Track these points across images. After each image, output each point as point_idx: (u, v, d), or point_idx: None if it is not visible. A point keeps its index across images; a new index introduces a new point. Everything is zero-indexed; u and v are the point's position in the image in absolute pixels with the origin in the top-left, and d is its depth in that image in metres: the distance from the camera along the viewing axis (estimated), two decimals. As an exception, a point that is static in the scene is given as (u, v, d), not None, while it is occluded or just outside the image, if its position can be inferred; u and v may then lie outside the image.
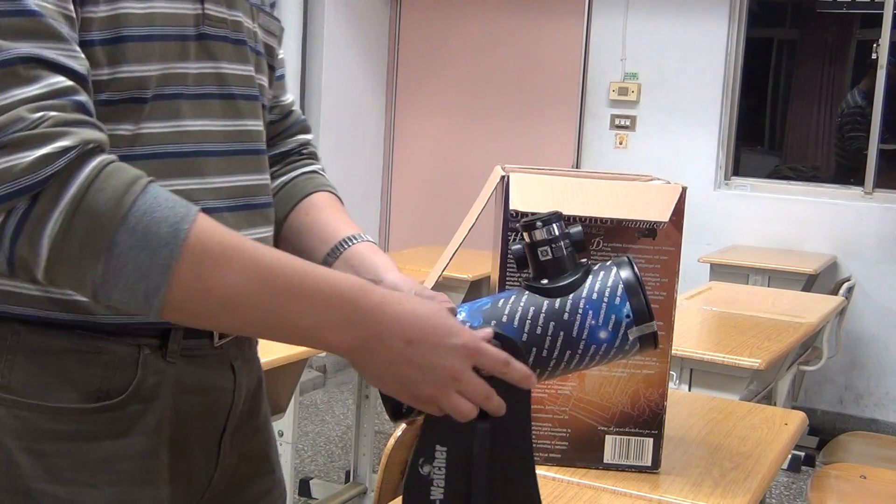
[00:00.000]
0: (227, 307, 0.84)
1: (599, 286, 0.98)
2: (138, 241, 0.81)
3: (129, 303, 0.83)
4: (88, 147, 0.82)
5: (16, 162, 0.79)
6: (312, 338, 0.88)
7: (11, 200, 0.80)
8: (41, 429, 0.92)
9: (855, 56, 7.06)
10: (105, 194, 0.81)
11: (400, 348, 0.88)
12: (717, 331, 3.03)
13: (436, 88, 5.73)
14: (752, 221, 5.10)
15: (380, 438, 3.81)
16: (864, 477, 2.63)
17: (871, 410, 4.95)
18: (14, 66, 0.81)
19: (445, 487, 0.95)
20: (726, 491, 1.39)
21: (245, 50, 1.06)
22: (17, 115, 0.80)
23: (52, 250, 0.80)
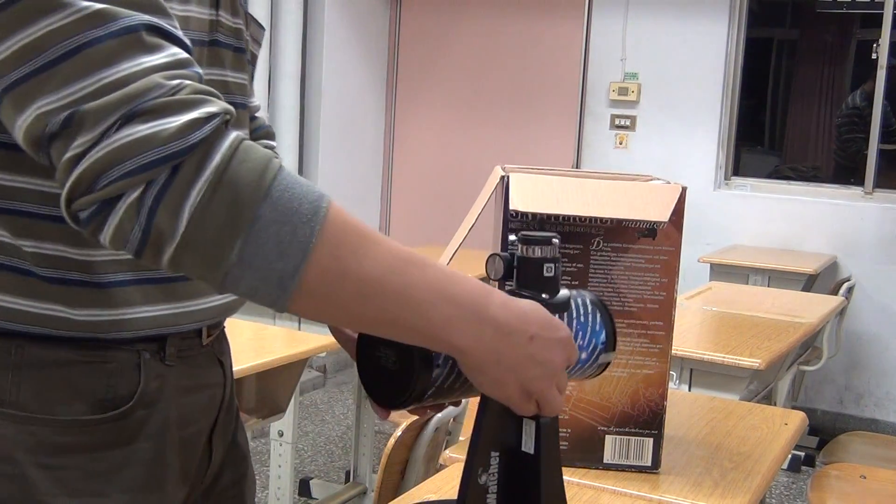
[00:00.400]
0: (362, 294, 0.80)
1: (583, 310, 1.00)
2: (281, 215, 0.76)
3: (259, 288, 0.78)
4: (227, 117, 0.79)
5: (162, 127, 0.75)
6: (440, 334, 0.83)
7: (158, 167, 0.75)
8: (52, 442, 0.91)
9: (855, 56, 7.06)
10: (247, 166, 0.77)
11: (524, 346, 0.86)
12: (717, 331, 3.03)
13: (436, 88, 5.73)
14: (752, 221, 5.10)
15: (380, 438, 3.81)
16: (864, 477, 2.63)
17: (871, 410, 4.95)
18: (138, 32, 0.79)
19: (498, 493, 0.95)
20: (726, 491, 1.39)
21: (243, 58, 1.06)
22: (153, 82, 0.77)
23: (191, 222, 0.75)
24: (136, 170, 0.75)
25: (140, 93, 0.76)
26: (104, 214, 0.76)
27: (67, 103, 0.76)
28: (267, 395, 2.57)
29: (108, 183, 0.75)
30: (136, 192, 0.75)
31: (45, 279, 0.90)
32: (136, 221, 0.76)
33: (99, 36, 0.77)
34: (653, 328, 1.39)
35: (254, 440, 4.04)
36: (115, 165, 0.75)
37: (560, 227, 1.35)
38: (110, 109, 0.76)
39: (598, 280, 1.37)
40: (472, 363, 0.86)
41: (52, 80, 0.77)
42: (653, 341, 1.39)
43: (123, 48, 0.77)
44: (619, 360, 1.40)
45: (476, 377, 0.88)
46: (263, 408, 2.59)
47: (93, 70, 0.77)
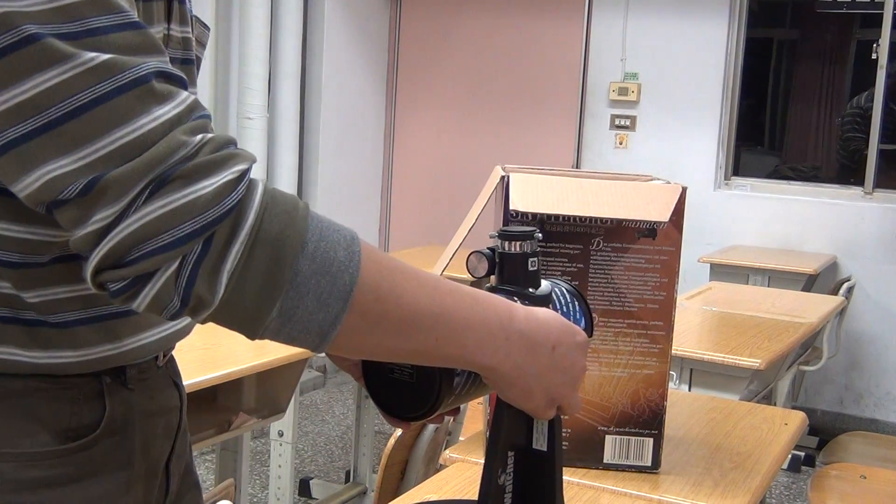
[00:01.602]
0: (399, 330, 0.79)
1: (563, 300, 1.00)
2: (319, 267, 0.74)
3: (298, 337, 0.76)
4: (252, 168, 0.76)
5: (197, 195, 0.71)
6: (472, 357, 0.84)
7: (200, 236, 0.71)
8: (18, 479, 0.85)
9: (855, 56, 7.06)
10: (280, 220, 0.74)
11: (548, 355, 0.87)
12: (717, 331, 3.03)
13: (436, 88, 5.73)
14: (752, 221, 5.10)
15: (380, 438, 3.81)
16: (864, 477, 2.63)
17: (871, 410, 4.95)
18: (149, 82, 0.73)
19: (513, 493, 0.96)
20: (726, 491, 1.39)
21: (192, 70, 1.00)
22: (176, 140, 0.72)
23: (230, 285, 0.72)
24: (173, 243, 0.70)
25: (165, 155, 0.71)
26: (138, 288, 0.72)
27: (83, 167, 0.70)
28: (267, 395, 2.57)
29: (141, 257, 0.71)
30: (174, 265, 0.71)
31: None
32: (175, 292, 0.72)
33: (108, 91, 0.71)
34: (653, 328, 1.39)
35: (254, 440, 4.04)
36: (149, 239, 0.70)
37: (560, 227, 1.35)
38: (136, 177, 0.70)
39: (598, 280, 1.37)
40: (501, 379, 0.87)
41: (59, 140, 0.71)
42: (653, 341, 1.39)
43: (137, 102, 0.72)
44: (619, 360, 1.40)
45: (504, 391, 0.88)
46: (263, 408, 2.59)
47: (107, 129, 0.71)
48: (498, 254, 0.98)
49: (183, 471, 1.06)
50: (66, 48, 0.71)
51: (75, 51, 0.71)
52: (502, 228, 0.98)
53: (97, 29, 0.72)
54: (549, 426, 0.95)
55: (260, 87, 4.70)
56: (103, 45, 0.72)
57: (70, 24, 0.71)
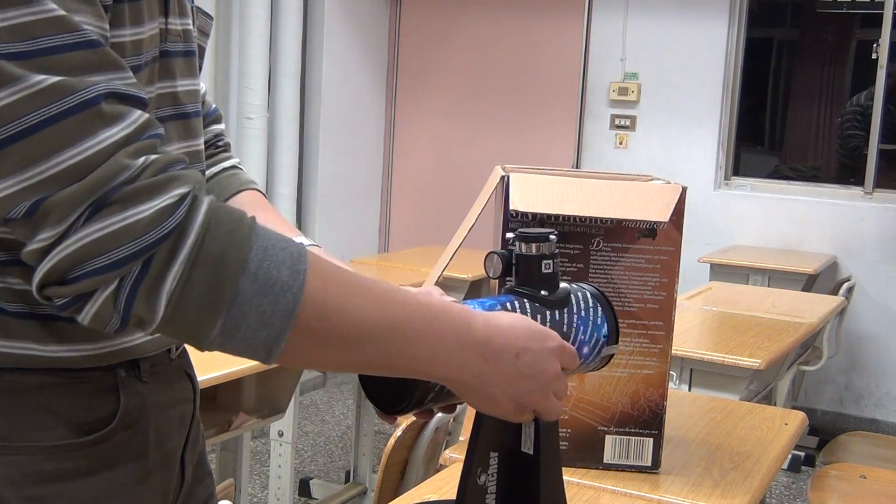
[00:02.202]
0: (348, 346, 0.80)
1: (584, 305, 1.00)
2: (261, 286, 0.75)
3: (245, 351, 0.78)
4: (197, 189, 0.76)
5: (135, 219, 0.72)
6: (425, 369, 0.85)
7: (136, 260, 0.72)
8: (35, 472, 0.87)
9: (855, 56, 7.06)
10: (222, 241, 0.74)
11: (511, 362, 0.87)
12: (717, 331, 3.03)
13: (436, 88, 5.73)
14: (752, 221, 5.10)
15: (380, 438, 3.81)
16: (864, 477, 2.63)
17: (871, 410, 4.95)
18: (98, 104, 0.74)
19: (498, 493, 0.96)
20: (726, 491, 1.39)
21: (193, 62, 1.01)
22: (118, 164, 0.73)
23: (169, 306, 0.74)
24: (109, 266, 0.72)
25: (106, 178, 0.72)
26: (80, 305, 0.74)
27: (27, 188, 0.72)
28: (267, 395, 2.57)
29: (80, 277, 0.73)
30: (112, 286, 0.73)
31: (14, 315, 0.86)
32: (115, 311, 0.74)
33: (55, 114, 0.72)
34: (653, 328, 1.39)
35: (254, 440, 4.04)
36: (86, 261, 0.72)
37: (560, 227, 1.35)
38: (77, 200, 0.72)
39: (598, 280, 1.37)
40: (461, 388, 0.87)
41: (6, 161, 0.72)
42: (653, 341, 1.40)
43: (82, 125, 0.73)
44: (619, 360, 1.40)
45: (466, 398, 0.89)
46: (263, 408, 2.59)
47: (52, 152, 0.72)
48: (514, 255, 0.98)
49: (197, 460, 1.07)
50: (14, 70, 0.71)
51: (24, 72, 0.71)
52: (520, 230, 0.99)
53: (50, 48, 0.73)
54: (536, 430, 0.94)
55: (260, 87, 4.70)
56: (55, 64, 0.73)
57: (23, 42, 0.72)
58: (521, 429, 0.95)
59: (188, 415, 1.04)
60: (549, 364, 0.89)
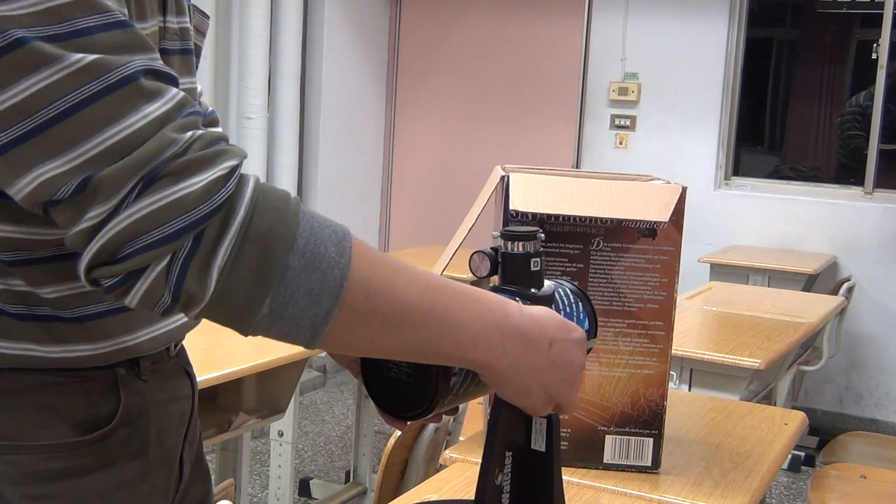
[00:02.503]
0: (392, 326, 0.79)
1: (566, 301, 1.00)
2: (309, 262, 0.74)
3: (291, 332, 0.76)
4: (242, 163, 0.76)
5: (187, 191, 0.72)
6: (467, 354, 0.83)
7: (189, 233, 0.72)
8: (36, 471, 0.87)
9: (855, 56, 7.06)
10: (270, 217, 0.74)
11: (545, 351, 0.87)
12: (717, 331, 3.03)
13: (436, 89, 5.73)
14: (752, 221, 5.10)
15: (380, 438, 3.81)
16: (864, 477, 2.63)
17: (871, 410, 4.95)
18: (137, 80, 0.73)
19: (512, 492, 0.96)
20: (726, 491, 1.39)
21: (191, 60, 1.00)
22: (167, 138, 0.72)
23: (220, 282, 0.73)
24: (162, 239, 0.71)
25: (155, 153, 0.72)
26: (130, 283, 0.73)
27: (74, 167, 0.71)
28: (267, 395, 2.57)
29: (131, 254, 0.72)
30: (164, 261, 0.72)
31: (14, 316, 0.85)
32: (166, 288, 0.73)
33: (96, 91, 0.72)
34: (653, 328, 1.39)
35: (254, 440, 4.04)
36: (139, 236, 0.71)
37: (560, 227, 1.35)
38: (127, 175, 0.71)
39: (598, 280, 1.37)
40: (498, 376, 0.86)
41: (50, 142, 0.72)
42: (653, 341, 1.39)
43: (125, 101, 0.73)
44: (619, 360, 1.40)
45: (501, 388, 0.88)
46: (263, 408, 2.59)
47: (96, 130, 0.72)
48: (500, 254, 0.98)
49: (195, 458, 1.07)
50: (52, 50, 0.71)
51: (62, 52, 0.71)
52: (505, 228, 0.98)
53: (84, 29, 0.73)
54: (548, 426, 0.95)
55: (260, 87, 4.70)
56: (90, 45, 0.73)
57: (57, 25, 0.72)
58: (532, 426, 0.96)
59: (187, 412, 1.04)
60: (576, 355, 0.90)
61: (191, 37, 1.00)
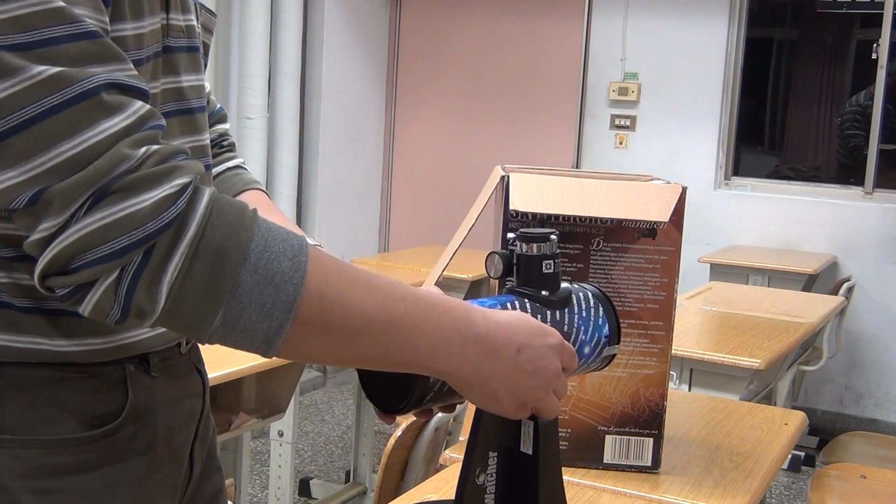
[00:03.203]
0: (348, 338, 0.80)
1: (585, 305, 1.00)
2: (261, 278, 0.75)
3: (245, 343, 0.78)
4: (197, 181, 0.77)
5: (135, 208, 0.72)
6: (426, 363, 0.84)
7: (138, 249, 0.73)
8: (43, 465, 0.87)
9: (855, 56, 7.06)
10: (222, 232, 0.75)
11: (512, 357, 0.87)
12: (717, 331, 3.03)
13: (436, 88, 5.73)
14: (752, 221, 5.10)
15: (380, 438, 3.81)
16: (864, 477, 2.63)
17: (871, 410, 4.95)
18: (98, 95, 0.74)
19: (497, 494, 0.95)
20: (726, 491, 1.39)
21: (198, 57, 1.01)
22: (119, 154, 0.73)
23: (170, 297, 0.74)
24: (110, 255, 0.73)
25: (107, 168, 0.73)
26: (81, 295, 0.75)
27: (29, 179, 0.73)
28: (267, 395, 2.57)
29: (81, 267, 0.73)
30: (112, 275, 0.74)
31: (22, 310, 0.86)
32: (115, 301, 0.75)
33: (55, 105, 0.72)
34: (653, 328, 1.39)
35: (254, 440, 4.04)
36: (87, 250, 0.73)
37: (560, 227, 1.35)
38: (78, 190, 0.72)
39: (598, 280, 1.37)
40: (462, 383, 0.87)
41: (9, 152, 0.73)
42: (653, 341, 1.39)
43: (82, 115, 0.73)
44: (619, 359, 1.40)
45: (468, 395, 0.88)
46: (263, 408, 2.59)
47: (53, 143, 0.72)
48: (515, 255, 0.98)
49: (206, 455, 1.08)
50: (14, 61, 0.72)
51: (24, 63, 0.72)
52: (521, 230, 0.99)
53: (49, 40, 0.73)
54: (535, 430, 0.94)
55: (260, 87, 4.70)
56: (55, 56, 0.73)
57: (21, 34, 0.72)
58: (520, 429, 0.95)
59: (197, 409, 1.04)
60: (550, 361, 0.89)
61: (197, 34, 1.01)
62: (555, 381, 0.90)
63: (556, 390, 0.91)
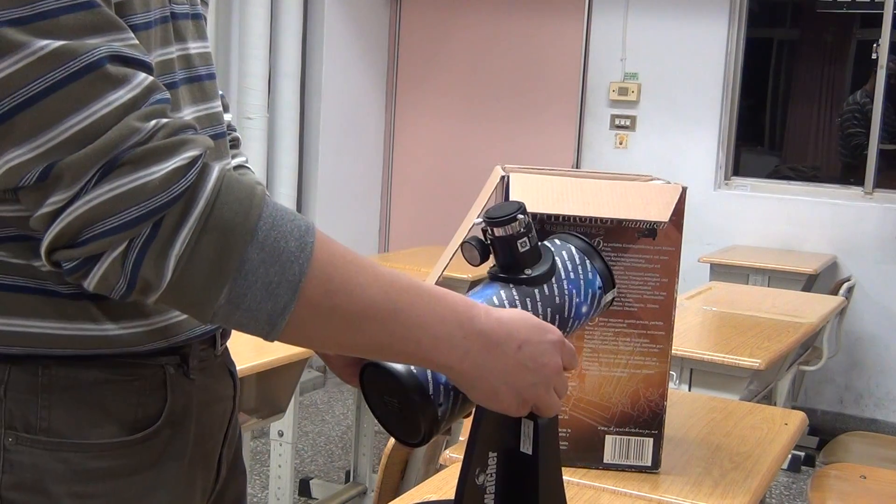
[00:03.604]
0: (352, 324, 0.80)
1: (570, 265, 0.98)
2: (268, 256, 0.75)
3: (249, 323, 0.77)
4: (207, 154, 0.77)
5: (145, 180, 0.72)
6: (429, 356, 0.84)
7: (147, 221, 0.73)
8: (84, 469, 0.87)
9: (855, 56, 7.06)
10: (231, 208, 0.75)
11: (514, 353, 0.86)
12: (717, 331, 3.03)
13: (436, 88, 5.73)
14: (752, 221, 5.10)
15: (380, 438, 3.81)
16: (864, 477, 2.63)
17: (871, 410, 4.95)
18: (102, 67, 0.73)
19: (497, 494, 0.95)
20: (726, 491, 1.39)
21: (201, 24, 1.00)
22: (130, 126, 0.73)
23: (177, 271, 0.74)
24: (119, 227, 0.73)
25: (117, 141, 0.73)
26: (88, 268, 0.75)
27: (38, 155, 0.73)
28: (267, 395, 2.57)
29: (88, 239, 0.73)
30: (120, 247, 0.74)
31: (68, 297, 0.85)
32: (122, 274, 0.74)
33: (60, 79, 0.72)
34: (653, 328, 1.39)
35: (254, 440, 4.04)
36: (96, 222, 0.73)
37: (560, 228, 1.35)
38: (88, 163, 0.72)
39: (598, 280, 1.37)
40: (463, 379, 0.86)
41: (15, 131, 0.73)
42: (653, 341, 1.39)
43: (89, 88, 0.73)
44: (619, 360, 1.40)
45: (469, 391, 0.88)
46: (263, 408, 2.59)
47: (61, 117, 0.72)
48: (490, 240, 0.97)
49: (232, 458, 1.07)
50: (16, 37, 0.72)
51: (27, 38, 0.72)
52: (486, 214, 0.97)
53: (48, 12, 0.73)
54: (535, 430, 0.93)
55: (260, 87, 4.70)
56: (55, 28, 0.73)
57: (20, 8, 0.72)
58: (520, 429, 0.95)
59: (228, 412, 1.04)
60: (551, 357, 0.89)
61: (197, 2, 1.01)
62: (555, 378, 0.90)
63: (557, 388, 0.91)
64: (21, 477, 0.85)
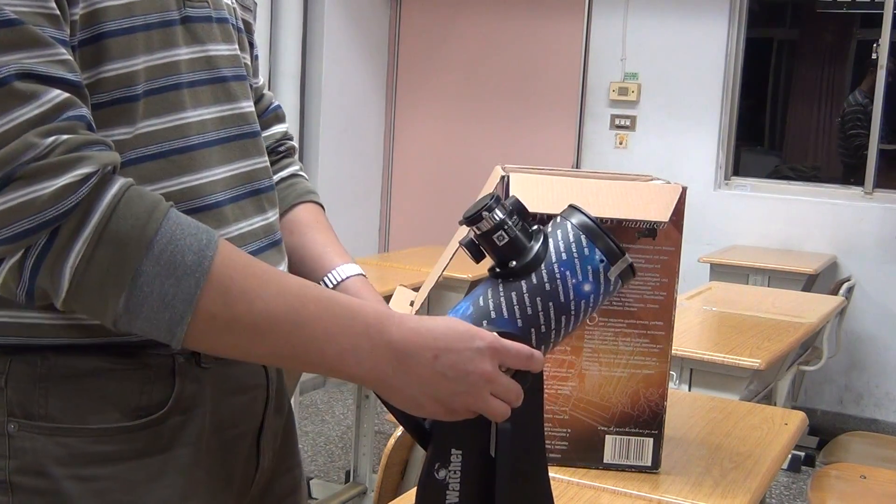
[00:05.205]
0: (254, 335, 0.82)
1: (563, 245, 0.96)
2: (163, 269, 0.78)
3: (151, 332, 0.81)
4: (107, 171, 0.79)
5: (38, 194, 0.76)
6: (336, 366, 0.85)
7: (36, 234, 0.76)
8: (86, 452, 0.89)
9: (855, 56, 7.07)
10: (128, 222, 0.78)
11: (430, 363, 0.86)
12: (717, 331, 3.03)
13: (436, 88, 5.73)
14: (752, 221, 5.10)
15: (380, 438, 3.81)
16: (864, 477, 2.63)
17: (871, 410, 4.95)
18: (9, 84, 0.77)
19: (461, 491, 0.95)
20: (726, 491, 1.39)
21: (229, 28, 1.02)
22: (27, 142, 0.76)
23: (73, 281, 0.78)
24: (11, 237, 0.76)
25: (12, 156, 0.76)
26: None
27: None
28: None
29: None
30: (16, 256, 0.77)
31: None
32: (20, 282, 0.78)
33: None
34: (653, 328, 1.39)
35: (254, 440, 4.02)
36: None
37: (560, 227, 1.35)
38: None
39: (598, 280, 1.37)
40: (379, 389, 0.88)
41: None
42: (653, 341, 1.39)
43: None
44: (619, 360, 1.40)
45: (388, 399, 0.89)
46: (263, 408, 2.58)
47: None
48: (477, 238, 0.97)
49: (279, 448, 1.08)
50: None
51: None
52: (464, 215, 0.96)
53: None
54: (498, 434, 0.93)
55: (260, 87, 4.69)
56: None
57: None
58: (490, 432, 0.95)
59: (260, 401, 1.04)
60: (476, 365, 0.87)
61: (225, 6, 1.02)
62: (484, 385, 0.88)
63: (497, 393, 0.89)
64: (24, 461, 0.88)
